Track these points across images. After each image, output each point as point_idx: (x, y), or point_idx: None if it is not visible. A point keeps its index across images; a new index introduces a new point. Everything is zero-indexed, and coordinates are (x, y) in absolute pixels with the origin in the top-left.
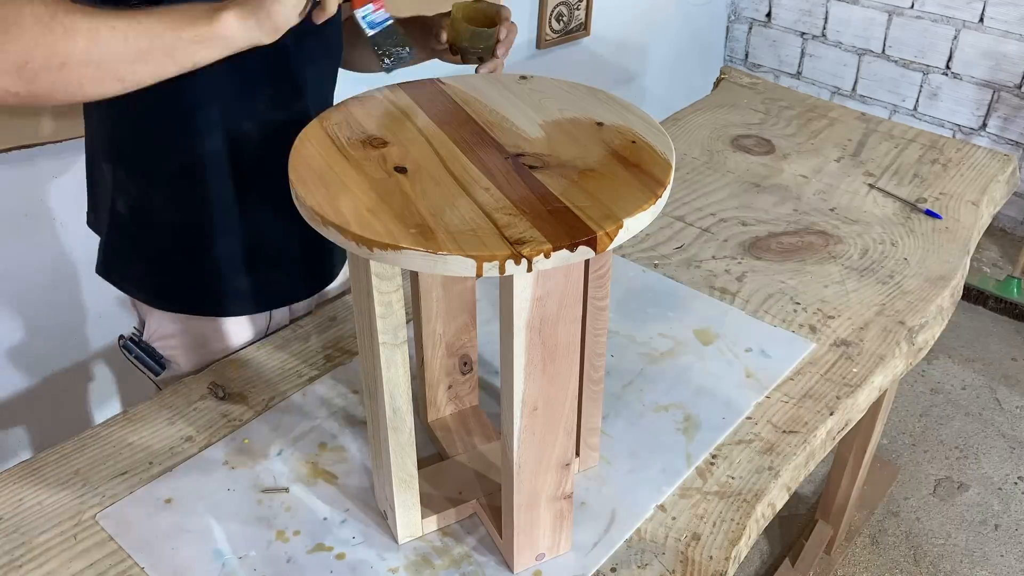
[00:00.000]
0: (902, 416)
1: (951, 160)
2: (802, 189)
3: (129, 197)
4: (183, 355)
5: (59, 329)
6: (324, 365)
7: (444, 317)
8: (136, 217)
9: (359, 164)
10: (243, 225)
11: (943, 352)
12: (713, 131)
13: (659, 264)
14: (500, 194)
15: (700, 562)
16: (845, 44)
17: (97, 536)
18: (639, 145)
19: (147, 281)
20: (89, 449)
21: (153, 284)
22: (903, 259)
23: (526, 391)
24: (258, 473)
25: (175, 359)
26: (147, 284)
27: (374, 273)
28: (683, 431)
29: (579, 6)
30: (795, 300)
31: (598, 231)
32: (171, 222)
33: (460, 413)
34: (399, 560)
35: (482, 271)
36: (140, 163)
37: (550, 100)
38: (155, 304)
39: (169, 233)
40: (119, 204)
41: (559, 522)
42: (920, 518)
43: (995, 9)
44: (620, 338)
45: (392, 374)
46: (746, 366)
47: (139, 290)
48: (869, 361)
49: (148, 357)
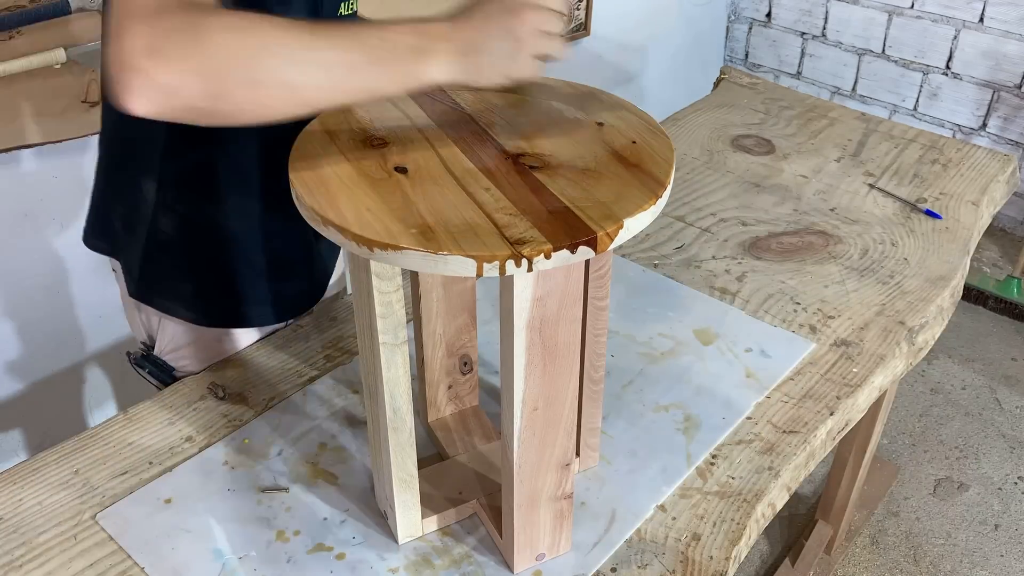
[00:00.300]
0: (902, 416)
1: (951, 160)
2: (802, 189)
3: (175, 215)
4: (194, 364)
5: (57, 331)
6: (324, 365)
7: (444, 317)
8: (184, 235)
9: (359, 164)
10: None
11: (943, 352)
12: (713, 131)
13: (659, 264)
14: (500, 194)
15: (700, 562)
16: (845, 44)
17: (97, 536)
18: (639, 145)
19: (193, 300)
20: (89, 449)
21: (198, 302)
22: (903, 259)
23: (526, 391)
24: (258, 473)
25: (186, 368)
26: (193, 303)
27: (374, 273)
28: (683, 431)
29: (579, 6)
30: (795, 300)
31: (598, 231)
32: (217, 237)
33: (460, 413)
34: (399, 560)
35: (482, 271)
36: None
37: (550, 100)
38: (201, 323)
39: (215, 248)
40: (163, 223)
41: (559, 522)
42: (920, 518)
43: (995, 9)
44: (620, 338)
45: (392, 374)
46: (746, 366)
47: (187, 310)
48: (869, 361)
49: (160, 371)
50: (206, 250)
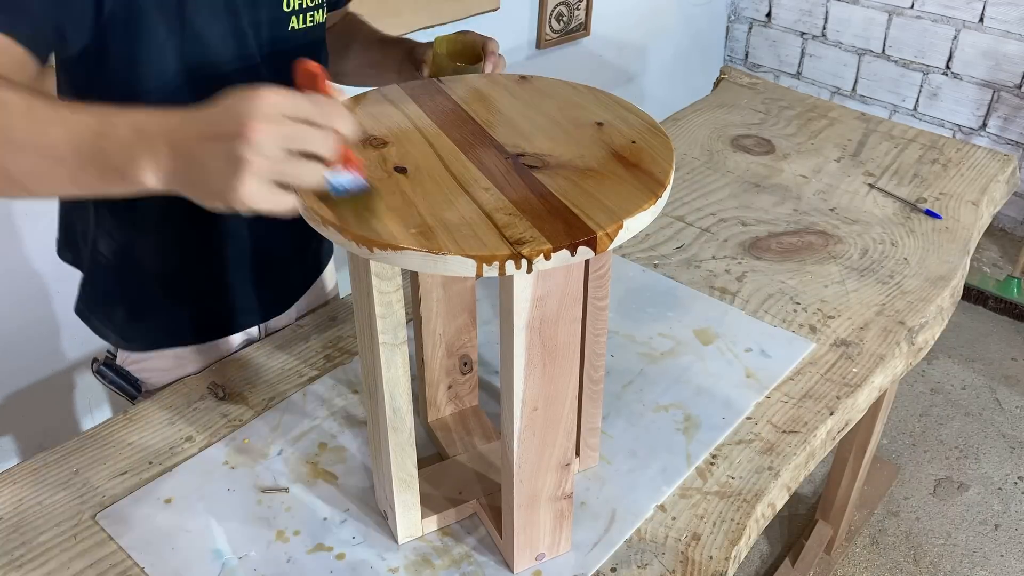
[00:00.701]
0: (902, 416)
1: (951, 160)
2: (802, 189)
3: (112, 241)
4: (160, 376)
5: (51, 333)
6: (324, 365)
7: (444, 317)
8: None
9: None
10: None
11: (943, 352)
12: (713, 131)
13: (659, 264)
14: (500, 194)
15: (700, 562)
16: (845, 44)
17: (97, 536)
18: (639, 145)
19: (122, 326)
20: (89, 449)
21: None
22: (903, 259)
23: (526, 391)
24: (258, 473)
25: (151, 381)
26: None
27: (374, 273)
28: (683, 431)
29: (579, 6)
30: (795, 300)
31: (598, 231)
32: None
33: (460, 413)
34: (399, 560)
35: (482, 271)
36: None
37: (550, 100)
38: (131, 349)
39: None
40: (102, 246)
41: (559, 522)
42: (920, 518)
43: (995, 9)
44: (620, 338)
45: (392, 374)
46: (746, 366)
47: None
48: (869, 361)
49: (124, 381)
50: (134, 278)
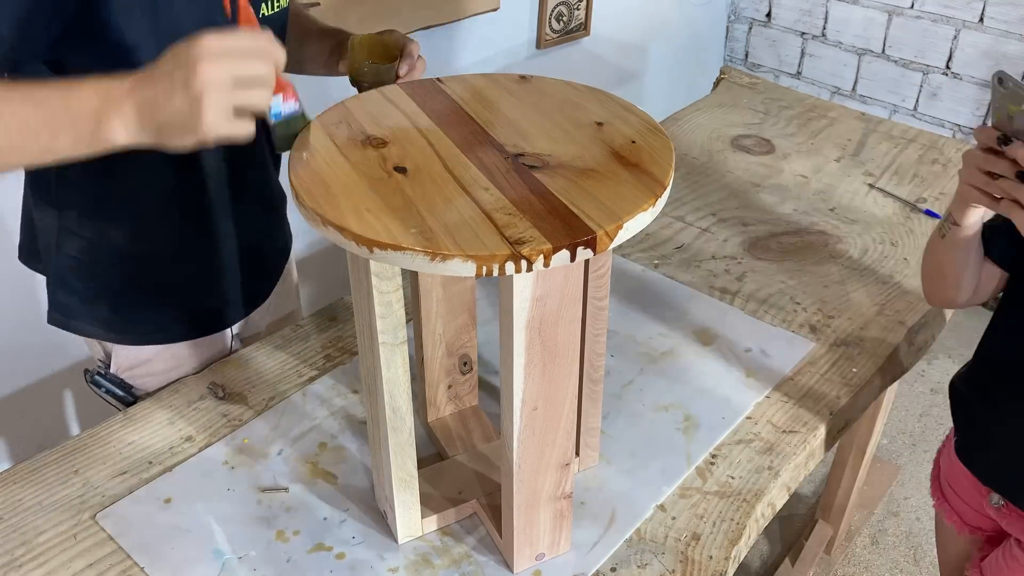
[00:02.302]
0: (902, 416)
1: (951, 160)
2: (802, 189)
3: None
4: (154, 381)
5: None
6: (324, 365)
7: (444, 317)
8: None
9: (359, 164)
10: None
11: (943, 352)
12: (713, 131)
13: (659, 264)
14: (500, 194)
15: (700, 562)
16: (845, 44)
17: (97, 536)
18: (639, 145)
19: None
20: (89, 449)
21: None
22: (903, 259)
23: (526, 391)
24: (258, 473)
25: (147, 387)
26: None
27: (374, 273)
28: (683, 431)
29: (579, 6)
30: (795, 300)
31: (598, 231)
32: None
33: (460, 413)
34: (399, 560)
35: (482, 271)
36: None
37: (550, 100)
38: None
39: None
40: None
41: (559, 522)
42: (920, 518)
43: (995, 9)
44: (620, 338)
45: (392, 374)
46: (746, 366)
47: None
48: (869, 361)
49: (119, 389)
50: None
